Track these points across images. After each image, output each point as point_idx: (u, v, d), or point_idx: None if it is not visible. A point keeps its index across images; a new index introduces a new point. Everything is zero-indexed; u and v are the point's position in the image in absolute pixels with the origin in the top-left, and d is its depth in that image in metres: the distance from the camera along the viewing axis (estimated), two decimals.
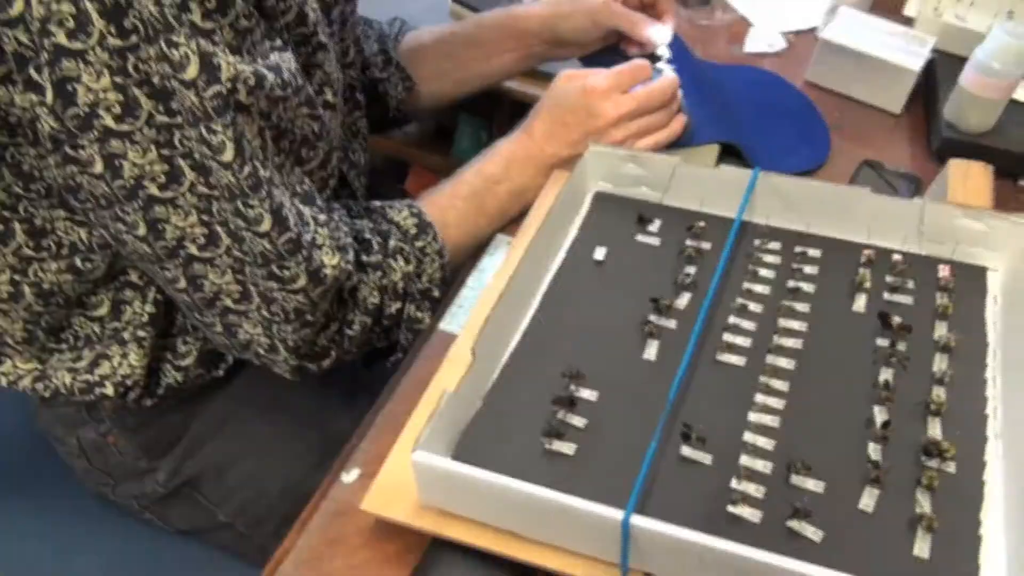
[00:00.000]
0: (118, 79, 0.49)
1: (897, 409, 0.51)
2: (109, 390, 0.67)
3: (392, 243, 0.68)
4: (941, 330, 0.56)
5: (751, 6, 1.10)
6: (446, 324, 0.68)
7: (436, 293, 0.71)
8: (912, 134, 0.93)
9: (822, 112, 0.93)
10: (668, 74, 0.76)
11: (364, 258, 0.66)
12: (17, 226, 0.60)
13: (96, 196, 0.54)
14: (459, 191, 0.74)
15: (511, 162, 0.74)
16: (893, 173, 0.83)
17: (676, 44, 0.84)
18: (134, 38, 0.48)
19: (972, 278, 0.59)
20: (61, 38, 0.47)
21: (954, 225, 0.60)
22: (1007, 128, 0.87)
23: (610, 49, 0.86)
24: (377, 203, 0.71)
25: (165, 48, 0.49)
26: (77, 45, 0.47)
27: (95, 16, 0.47)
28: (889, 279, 0.59)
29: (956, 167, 0.71)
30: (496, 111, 1.17)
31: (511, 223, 0.76)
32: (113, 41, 0.48)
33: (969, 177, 0.70)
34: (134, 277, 0.66)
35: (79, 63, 0.48)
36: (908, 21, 1.03)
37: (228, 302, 0.60)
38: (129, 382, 0.68)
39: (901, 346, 0.54)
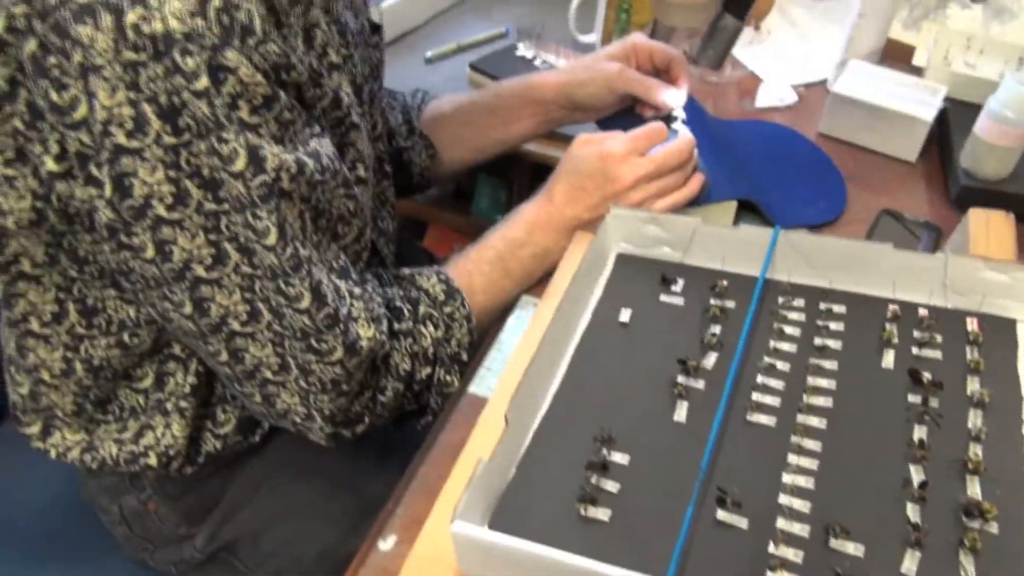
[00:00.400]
0: (171, 172, 0.52)
1: (934, 468, 0.51)
2: (153, 460, 0.69)
3: (422, 310, 0.70)
4: (973, 385, 0.56)
5: (760, 62, 1.12)
6: (475, 387, 0.69)
7: (465, 357, 0.72)
8: (929, 182, 0.94)
9: (837, 163, 0.94)
10: (684, 135, 0.78)
11: (396, 326, 0.68)
12: (71, 306, 0.63)
13: (146, 278, 0.57)
14: (484, 256, 0.75)
15: (533, 226, 0.76)
16: (913, 222, 0.84)
17: (690, 103, 0.86)
18: (187, 135, 0.51)
19: (1001, 331, 0.59)
20: (121, 138, 0.50)
21: (979, 278, 0.60)
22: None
23: (626, 111, 0.88)
24: (406, 271, 0.73)
25: (215, 143, 0.52)
26: (135, 144, 0.50)
27: (152, 117, 0.50)
28: (917, 334, 0.60)
29: (977, 216, 0.72)
30: (515, 170, 1.19)
31: (535, 284, 0.78)
32: (168, 139, 0.51)
33: (991, 226, 0.70)
34: (177, 349, 0.68)
35: (136, 160, 0.51)
36: (918, 71, 1.05)
37: (267, 374, 0.62)
38: (172, 452, 0.69)
39: (933, 402, 0.54)
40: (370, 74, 0.76)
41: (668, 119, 0.84)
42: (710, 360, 0.61)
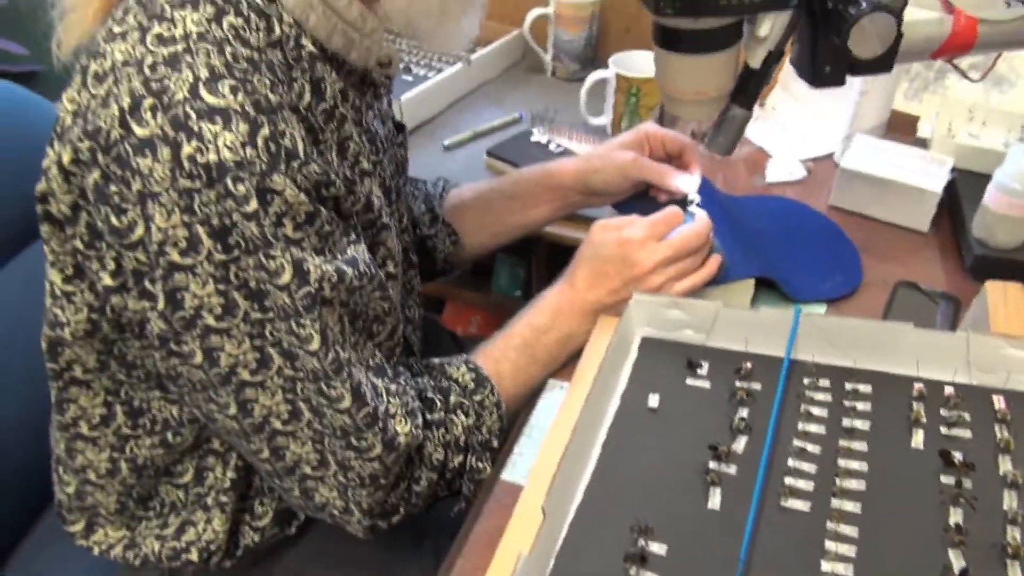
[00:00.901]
0: (221, 286, 0.55)
1: (972, 553, 0.51)
2: (194, 555, 0.70)
3: (452, 399, 0.71)
4: (1005, 465, 0.56)
5: (767, 138, 1.15)
6: (508, 474, 0.70)
7: (496, 443, 0.74)
8: (943, 251, 0.95)
9: (850, 235, 0.96)
10: (700, 218, 0.80)
11: (428, 416, 0.69)
12: (118, 408, 0.66)
13: (193, 382, 0.59)
14: (511, 343, 0.77)
15: (557, 312, 0.78)
16: (930, 293, 0.85)
17: (703, 184, 0.89)
18: (236, 252, 0.54)
19: None
20: (175, 256, 0.54)
21: (1002, 355, 0.61)
22: None
23: (641, 195, 0.91)
24: (436, 360, 0.75)
25: (263, 259, 0.55)
26: (188, 261, 0.54)
27: (204, 237, 0.53)
28: (944, 413, 0.60)
29: (994, 289, 0.73)
30: (533, 249, 1.22)
31: (561, 368, 0.79)
32: (218, 256, 0.54)
33: (1008, 299, 0.71)
34: (216, 444, 0.70)
35: (188, 275, 0.54)
36: (923, 142, 1.08)
37: (307, 469, 0.63)
38: (213, 546, 0.71)
39: (967, 483, 0.55)
40: (396, 171, 0.79)
41: (683, 201, 0.87)
42: (740, 444, 0.62)
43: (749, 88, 0.74)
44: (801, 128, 1.17)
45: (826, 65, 0.72)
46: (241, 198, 0.53)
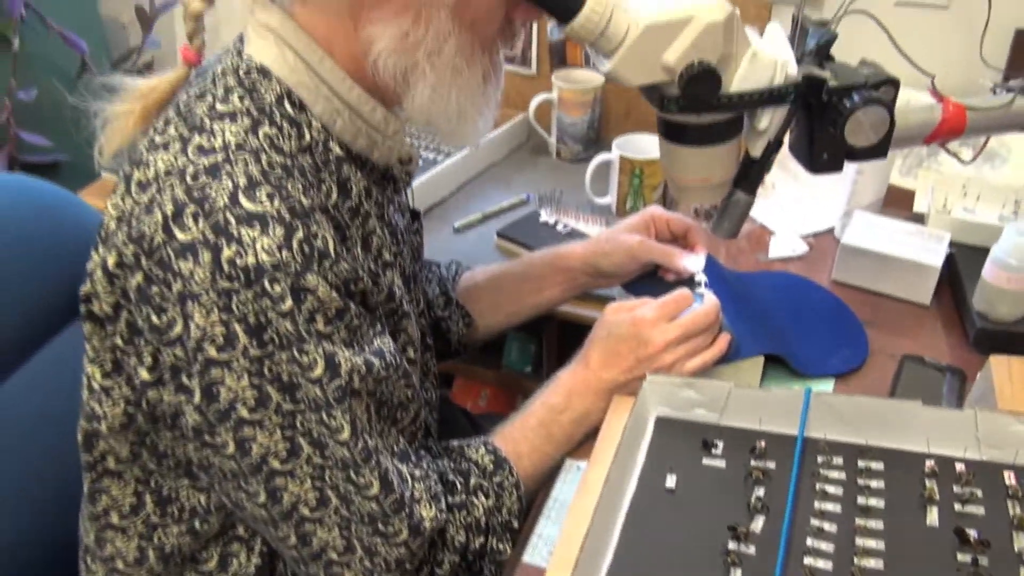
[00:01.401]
0: (255, 380, 0.57)
1: None
2: None
3: (472, 481, 0.73)
4: (1020, 542, 0.57)
5: (769, 214, 1.19)
6: (529, 556, 0.71)
7: (516, 524, 0.74)
8: (946, 323, 0.98)
9: (854, 308, 0.99)
10: (709, 298, 0.83)
11: (449, 499, 0.71)
12: (148, 497, 0.68)
13: (224, 471, 0.61)
14: (527, 423, 0.79)
15: (572, 392, 0.80)
16: (936, 367, 0.87)
17: (709, 263, 0.92)
18: (271, 347, 0.57)
19: None
20: (212, 352, 0.56)
21: (1010, 431, 0.63)
22: None
23: (649, 275, 0.93)
24: (455, 443, 0.77)
25: (296, 354, 0.57)
26: (224, 356, 0.56)
27: (241, 333, 0.56)
28: (957, 489, 0.62)
29: (998, 364, 0.75)
30: (544, 325, 1.24)
31: (577, 447, 0.81)
32: (254, 351, 0.56)
33: (1013, 374, 0.73)
34: (241, 530, 0.71)
35: (224, 370, 0.57)
36: (920, 217, 1.11)
37: (333, 555, 0.64)
38: None
39: (983, 561, 0.56)
40: (412, 258, 0.82)
41: (690, 280, 0.90)
42: (758, 524, 0.63)
43: (751, 175, 0.78)
44: (801, 204, 1.21)
45: (824, 153, 0.76)
46: (277, 297, 0.56)
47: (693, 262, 0.89)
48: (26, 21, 1.55)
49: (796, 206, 1.21)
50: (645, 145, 1.21)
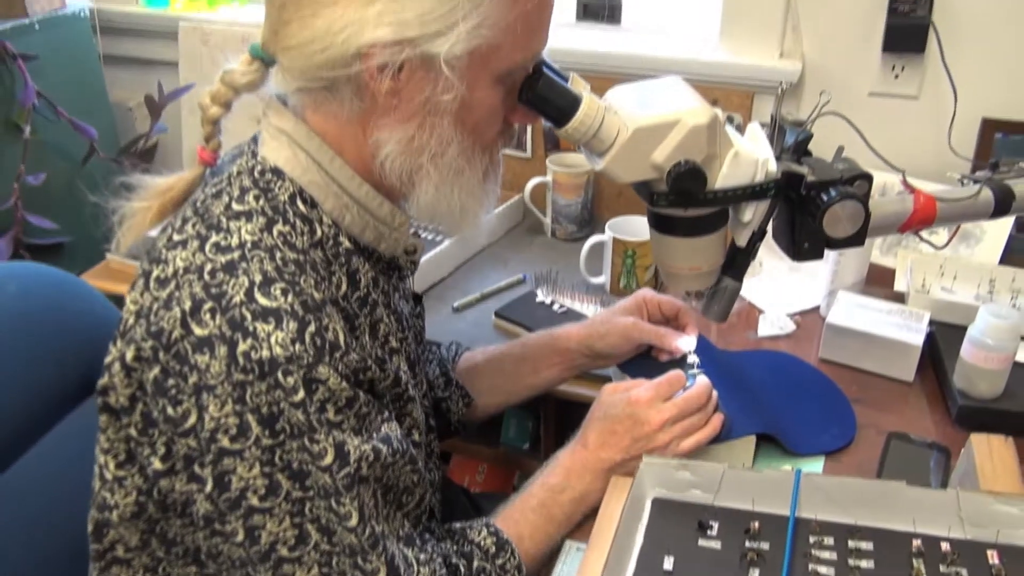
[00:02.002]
0: (266, 468, 0.59)
1: None
2: None
3: (476, 564, 0.74)
4: None
5: (757, 293, 1.23)
6: None
7: None
8: (930, 399, 1.01)
9: (841, 386, 1.02)
10: (702, 380, 0.86)
11: None
12: None
13: (233, 559, 0.63)
14: (528, 504, 0.81)
15: (570, 472, 0.82)
16: (921, 444, 0.90)
17: (701, 343, 0.96)
18: (282, 436, 0.59)
19: (1020, 562, 0.64)
20: (225, 442, 0.59)
21: (992, 511, 0.66)
22: (1017, 391, 0.95)
23: (643, 355, 0.97)
24: (457, 525, 0.78)
25: (307, 443, 0.60)
26: (237, 446, 0.59)
27: (254, 424, 0.58)
28: (943, 569, 0.64)
29: (979, 443, 0.78)
30: (541, 403, 1.26)
31: (576, 528, 0.83)
32: (266, 441, 0.59)
33: (993, 453, 0.76)
34: None
35: (236, 459, 0.59)
36: (901, 296, 1.15)
37: None
38: None
39: None
40: (416, 341, 0.85)
41: (683, 360, 0.93)
42: None
43: (737, 262, 0.82)
44: (788, 283, 1.25)
45: (805, 242, 0.80)
46: (290, 388, 0.59)
47: (685, 343, 0.93)
48: (38, 108, 1.61)
49: (784, 284, 1.25)
50: (637, 227, 1.26)
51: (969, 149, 1.31)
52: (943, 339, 1.04)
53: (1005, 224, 1.27)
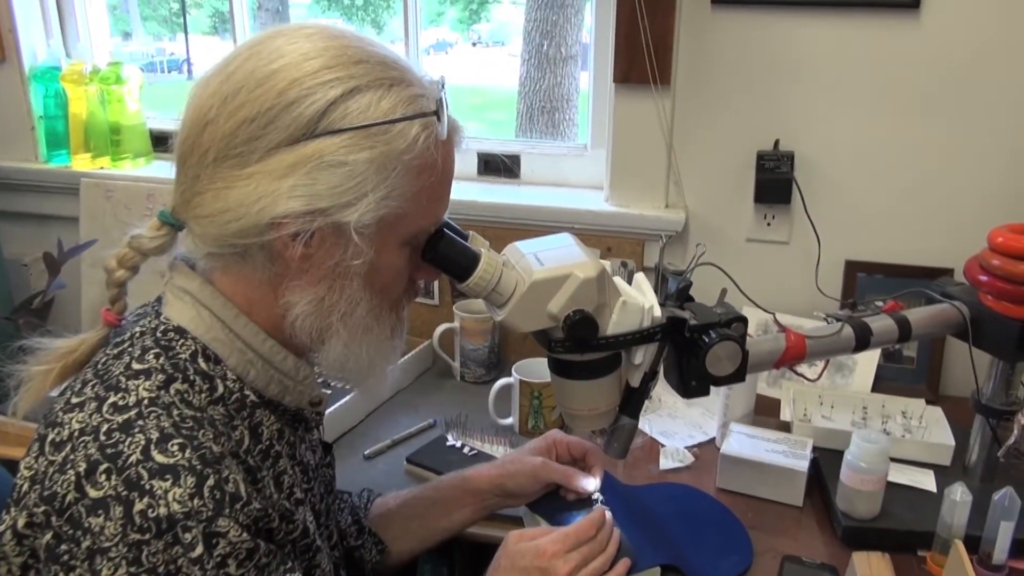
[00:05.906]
0: None
1: None
2: None
3: None
4: None
5: (657, 428, 1.30)
6: None
7: None
8: (818, 521, 1.08)
9: (738, 513, 1.08)
10: (597, 508, 0.89)
11: None
12: None
13: None
14: None
15: None
16: (812, 565, 0.96)
17: (607, 481, 1.00)
18: None
19: None
20: None
21: None
22: (893, 509, 1.03)
23: (551, 495, 1.00)
24: None
25: None
26: None
27: None
28: None
29: (860, 561, 0.84)
30: (455, 548, 1.26)
31: None
32: None
33: (872, 568, 0.83)
34: None
35: None
36: (786, 425, 1.24)
37: None
38: None
39: None
40: (325, 491, 0.86)
41: (589, 499, 0.97)
42: None
43: (633, 401, 0.89)
44: (686, 418, 1.33)
45: (692, 380, 0.88)
46: (188, 545, 0.58)
47: (591, 483, 0.97)
48: None
49: (680, 418, 1.33)
50: (543, 369, 1.30)
51: (837, 289, 1.46)
52: (825, 464, 1.12)
53: (873, 355, 1.41)
